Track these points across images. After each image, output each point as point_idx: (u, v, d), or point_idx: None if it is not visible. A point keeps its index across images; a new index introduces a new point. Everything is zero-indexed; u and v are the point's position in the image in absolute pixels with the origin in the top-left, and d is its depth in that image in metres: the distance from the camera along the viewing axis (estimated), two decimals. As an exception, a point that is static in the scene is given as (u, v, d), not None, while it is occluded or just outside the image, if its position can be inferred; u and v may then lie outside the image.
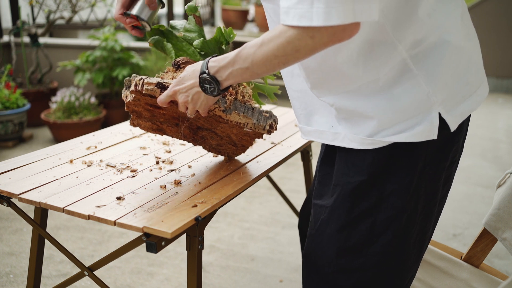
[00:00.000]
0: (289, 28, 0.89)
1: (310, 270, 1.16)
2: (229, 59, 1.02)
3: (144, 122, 1.35)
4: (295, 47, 0.90)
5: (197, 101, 1.12)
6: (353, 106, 1.04)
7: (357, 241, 1.07)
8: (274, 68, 0.96)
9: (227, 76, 1.03)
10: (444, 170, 1.11)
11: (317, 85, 1.09)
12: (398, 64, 0.99)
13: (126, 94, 1.27)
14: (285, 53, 0.91)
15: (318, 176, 1.19)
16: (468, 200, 3.13)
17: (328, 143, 1.12)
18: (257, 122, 1.30)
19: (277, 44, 0.91)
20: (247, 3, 5.99)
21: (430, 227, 1.16)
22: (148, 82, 1.19)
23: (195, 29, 1.37)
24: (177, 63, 1.31)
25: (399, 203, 1.04)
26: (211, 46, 1.33)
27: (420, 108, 1.00)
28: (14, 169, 1.37)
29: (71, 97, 3.98)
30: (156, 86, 1.19)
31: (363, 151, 1.04)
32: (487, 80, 1.17)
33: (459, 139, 1.11)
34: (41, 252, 1.48)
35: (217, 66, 1.04)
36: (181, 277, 2.23)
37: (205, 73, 1.05)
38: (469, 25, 1.08)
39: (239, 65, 1.00)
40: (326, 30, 0.86)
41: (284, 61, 0.93)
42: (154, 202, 1.17)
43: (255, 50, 0.95)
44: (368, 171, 1.04)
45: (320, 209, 1.13)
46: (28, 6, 4.52)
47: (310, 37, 0.88)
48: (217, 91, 1.07)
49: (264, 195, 3.14)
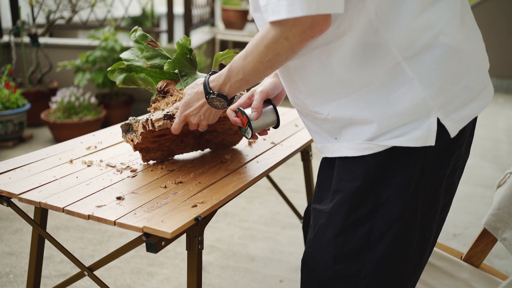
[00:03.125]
0: (267, 31, 0.96)
1: (308, 275, 1.15)
2: (224, 76, 1.12)
3: (154, 154, 1.42)
4: (275, 51, 0.97)
5: (210, 116, 1.25)
6: (349, 113, 1.02)
7: (354, 247, 1.06)
8: (265, 72, 1.04)
9: (229, 89, 1.14)
10: (445, 177, 1.08)
11: (310, 94, 1.08)
12: (393, 67, 0.97)
13: (131, 138, 1.36)
14: (268, 58, 0.99)
15: (317, 180, 1.18)
16: (468, 200, 3.13)
17: (330, 155, 1.11)
18: None
19: (258, 53, 1.00)
20: (247, 3, 5.99)
21: (431, 236, 1.14)
22: (156, 119, 1.27)
23: (156, 54, 1.46)
24: (161, 90, 1.42)
25: (396, 210, 1.03)
26: (180, 61, 1.42)
27: (418, 113, 0.98)
28: (14, 169, 1.37)
29: (71, 97, 3.98)
30: (165, 119, 1.27)
31: (360, 157, 1.03)
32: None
33: (461, 145, 1.08)
34: (41, 252, 1.48)
35: (218, 85, 1.15)
36: (181, 277, 2.23)
37: (211, 93, 1.16)
38: (470, 27, 1.05)
39: (234, 78, 1.10)
40: (296, 29, 0.92)
41: (270, 65, 1.01)
42: (154, 202, 1.17)
43: (242, 63, 1.05)
44: (365, 177, 1.03)
45: (319, 214, 1.12)
46: (28, 6, 4.52)
47: (284, 39, 0.94)
48: (227, 103, 1.19)
49: (264, 195, 3.14)
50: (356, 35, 0.96)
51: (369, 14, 0.95)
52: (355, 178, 1.04)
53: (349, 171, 1.05)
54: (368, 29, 0.96)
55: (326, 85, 1.03)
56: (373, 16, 0.95)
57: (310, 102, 1.09)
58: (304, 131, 1.77)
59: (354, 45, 0.97)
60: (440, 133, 1.00)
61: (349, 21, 0.95)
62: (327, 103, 1.05)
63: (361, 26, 0.96)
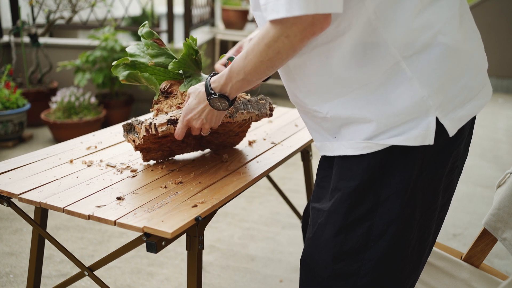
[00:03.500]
0: (268, 29, 0.95)
1: (307, 274, 1.15)
2: (226, 76, 1.11)
3: (155, 154, 1.42)
4: (276, 50, 0.96)
5: (212, 119, 1.23)
6: (348, 112, 1.03)
7: (353, 246, 1.06)
8: (266, 71, 1.03)
9: (230, 90, 1.13)
10: (443, 176, 1.09)
11: (309, 93, 1.08)
12: (392, 66, 0.98)
13: (132, 138, 1.35)
14: (268, 57, 0.99)
15: (316, 178, 1.19)
16: (468, 200, 3.13)
17: (329, 154, 1.11)
18: (259, 112, 1.39)
19: (259, 52, 0.99)
20: (247, 3, 5.98)
21: (430, 235, 1.14)
22: (160, 124, 1.27)
23: (161, 52, 1.44)
24: (164, 90, 1.40)
25: (395, 209, 1.03)
26: (185, 62, 1.41)
27: (416, 112, 0.99)
28: (14, 169, 1.37)
29: (71, 97, 3.98)
30: (168, 124, 1.27)
31: (359, 156, 1.04)
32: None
33: (459, 144, 1.09)
34: (41, 252, 1.48)
35: (219, 86, 1.14)
36: (181, 277, 2.23)
37: (213, 94, 1.15)
38: (469, 27, 1.06)
39: (236, 78, 1.09)
40: (296, 27, 0.92)
41: (271, 64, 1.00)
42: (154, 202, 1.17)
43: (243, 63, 1.04)
44: (364, 176, 1.03)
45: (318, 212, 1.12)
46: (28, 6, 4.52)
47: (285, 37, 0.94)
48: (229, 104, 1.17)
49: (264, 195, 3.14)
50: (355, 34, 0.97)
51: (369, 14, 0.95)
52: (355, 177, 1.04)
53: (348, 170, 1.05)
54: (367, 28, 0.96)
55: (326, 84, 1.04)
56: (372, 16, 0.95)
57: (310, 100, 1.09)
58: (304, 131, 1.77)
59: (353, 44, 0.98)
60: (438, 132, 1.01)
61: (349, 20, 0.96)
62: (326, 102, 1.06)
63: (360, 25, 0.96)
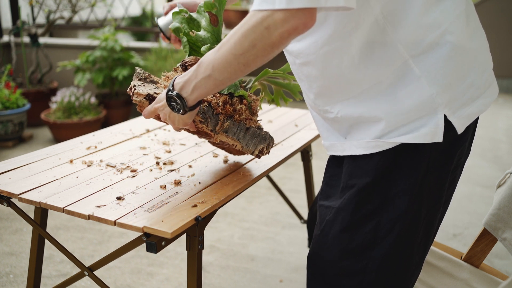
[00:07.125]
0: (249, 17, 0.88)
1: (314, 271, 1.16)
2: (192, 72, 1.00)
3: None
4: (252, 42, 0.88)
5: (174, 120, 1.11)
6: (358, 112, 1.03)
7: (360, 243, 1.07)
8: (236, 72, 0.94)
9: (192, 90, 1.01)
10: (449, 173, 1.10)
11: (320, 94, 1.09)
12: (400, 65, 0.98)
13: (133, 85, 1.26)
14: (243, 51, 0.90)
15: (324, 177, 1.19)
16: (468, 200, 3.13)
17: (339, 154, 1.12)
18: (246, 146, 1.27)
19: (234, 42, 0.91)
20: (247, 3, 5.98)
21: (432, 232, 1.15)
22: (137, 93, 1.19)
23: (209, 29, 1.31)
24: (184, 64, 1.28)
25: (403, 206, 1.04)
26: None
27: (425, 110, 0.99)
28: (14, 169, 1.37)
29: (71, 97, 3.98)
30: (145, 98, 1.19)
31: (369, 154, 1.04)
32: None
33: (464, 142, 1.10)
34: (41, 252, 1.48)
35: (182, 82, 1.02)
36: (181, 277, 2.23)
37: (171, 91, 1.03)
38: (475, 25, 1.07)
39: (201, 74, 0.98)
40: (278, 18, 0.84)
41: (244, 62, 0.92)
42: (154, 202, 1.17)
43: (214, 55, 0.95)
44: (373, 174, 1.04)
45: (326, 210, 1.13)
46: (28, 6, 4.52)
47: (265, 28, 0.86)
48: (183, 109, 1.04)
49: (264, 195, 3.14)
50: (363, 34, 0.97)
51: (375, 14, 0.96)
52: (365, 175, 1.05)
53: (359, 168, 1.06)
54: (375, 28, 0.97)
55: (335, 84, 1.04)
56: (379, 16, 0.95)
57: (320, 101, 1.10)
58: (304, 131, 1.77)
59: (361, 44, 0.98)
60: (446, 129, 1.01)
61: (355, 21, 0.96)
62: (336, 102, 1.07)
63: (367, 26, 0.96)
